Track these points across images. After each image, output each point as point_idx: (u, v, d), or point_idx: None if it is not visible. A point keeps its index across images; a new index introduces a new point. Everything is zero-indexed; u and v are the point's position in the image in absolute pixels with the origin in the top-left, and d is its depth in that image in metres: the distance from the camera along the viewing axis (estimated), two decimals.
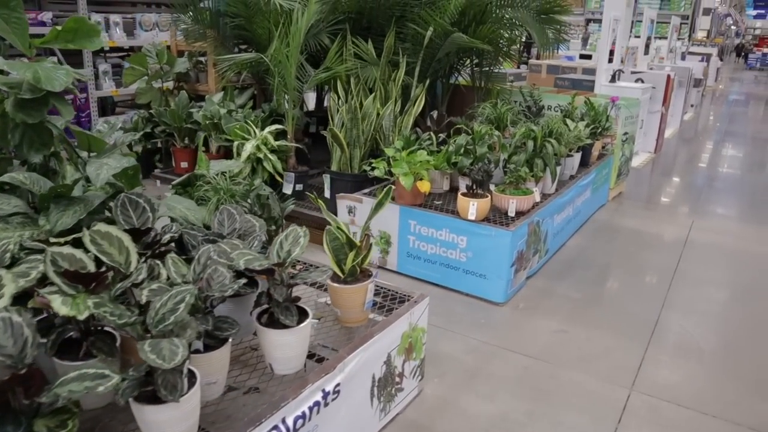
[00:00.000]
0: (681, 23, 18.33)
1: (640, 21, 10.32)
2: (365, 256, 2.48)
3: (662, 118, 8.54)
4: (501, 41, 5.72)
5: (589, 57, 12.94)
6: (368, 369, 2.33)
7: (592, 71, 8.48)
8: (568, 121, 5.03)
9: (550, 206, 4.21)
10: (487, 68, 6.08)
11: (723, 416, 2.78)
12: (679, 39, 17.55)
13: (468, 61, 6.18)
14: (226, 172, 3.06)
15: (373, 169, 4.03)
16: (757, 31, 44.18)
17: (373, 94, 4.62)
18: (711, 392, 2.97)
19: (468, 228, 3.72)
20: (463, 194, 3.74)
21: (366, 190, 4.29)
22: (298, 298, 2.13)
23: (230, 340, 1.92)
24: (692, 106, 13.14)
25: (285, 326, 2.02)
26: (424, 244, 3.94)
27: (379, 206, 2.58)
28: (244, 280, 1.92)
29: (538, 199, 4.12)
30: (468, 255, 3.76)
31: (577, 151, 4.94)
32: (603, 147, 5.95)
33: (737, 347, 3.42)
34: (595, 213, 5.66)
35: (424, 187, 3.86)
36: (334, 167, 4.50)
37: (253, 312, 2.11)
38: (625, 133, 5.95)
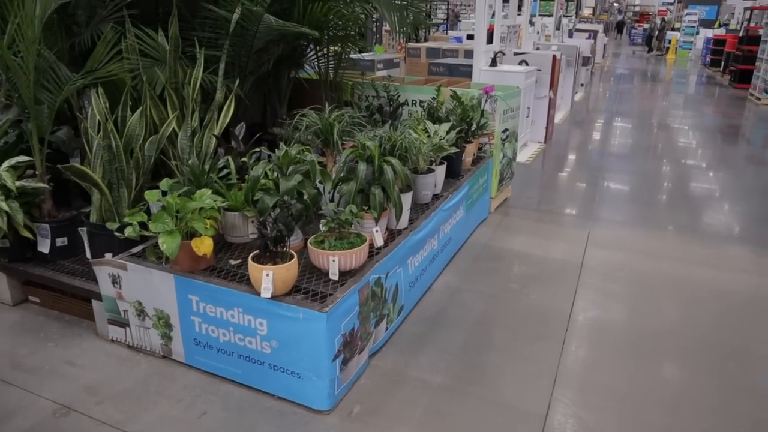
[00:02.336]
0: (566, 0, 17.92)
1: None
2: None
3: (551, 103, 7.68)
4: (339, 23, 4.48)
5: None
6: None
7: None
8: (429, 124, 3.89)
9: (400, 250, 3.05)
10: (331, 56, 4.83)
11: None
12: (565, 16, 17.11)
13: (311, 50, 4.91)
14: None
15: (123, 227, 2.68)
16: (637, 8, 45.95)
17: (141, 108, 3.24)
18: None
19: (266, 308, 2.47)
20: (256, 257, 2.48)
21: (136, 250, 2.94)
22: None
23: None
24: (582, 85, 12.60)
25: None
26: (214, 328, 2.66)
27: None
28: None
29: (380, 243, 2.95)
30: (272, 345, 2.52)
31: (441, 163, 3.81)
32: (480, 149, 4.89)
33: None
34: (474, 232, 4.60)
35: (203, 248, 2.57)
36: (93, 217, 3.10)
37: None
38: (505, 130, 4.91)
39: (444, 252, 3.86)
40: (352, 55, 6.38)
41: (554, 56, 7.49)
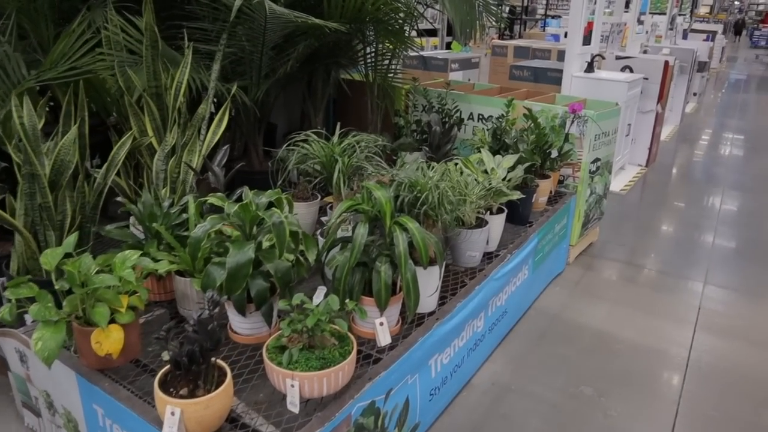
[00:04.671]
0: None
1: None
2: None
3: (657, 119, 6.35)
4: (391, 16, 3.51)
5: None
6: None
7: None
8: (486, 155, 2.86)
9: (416, 353, 2.07)
10: (377, 58, 3.89)
11: None
12: (680, 15, 15.20)
13: (356, 45, 3.99)
14: None
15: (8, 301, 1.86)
16: (761, 7, 41.42)
17: (77, 123, 2.44)
18: None
19: None
20: (163, 380, 1.59)
21: None
22: None
23: None
24: (695, 94, 10.92)
25: None
26: None
27: None
28: None
29: (385, 341, 1.99)
30: None
31: (500, 210, 2.78)
32: (560, 182, 3.79)
33: None
34: (544, 293, 3.52)
35: (107, 345, 1.71)
36: (13, 266, 2.33)
37: None
38: (596, 160, 3.78)
39: (494, 331, 2.83)
40: (422, 53, 5.41)
41: (666, 62, 6.15)
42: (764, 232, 4.70)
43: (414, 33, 4.06)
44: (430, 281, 2.14)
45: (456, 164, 2.70)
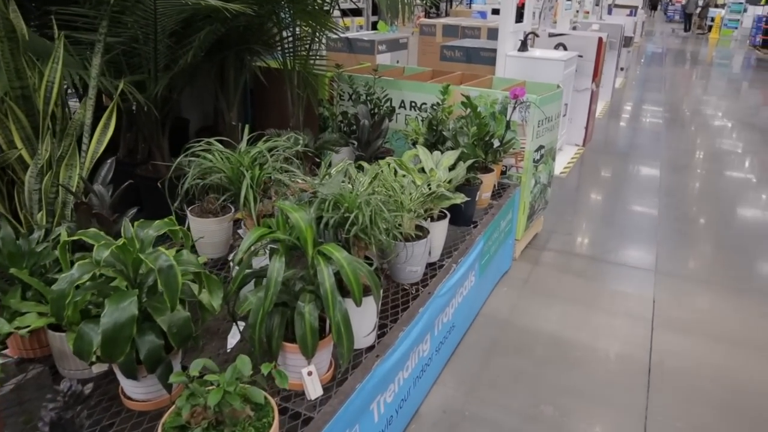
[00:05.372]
0: None
1: None
2: None
3: (592, 97, 6.21)
4: None
5: None
6: None
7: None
8: (423, 153, 2.52)
9: (354, 402, 1.72)
10: (295, 43, 3.46)
11: None
12: None
13: (274, 31, 3.55)
14: None
15: None
16: None
17: None
18: None
19: None
20: None
21: None
22: None
23: None
24: (622, 69, 11.00)
25: None
26: None
27: None
28: None
29: (315, 393, 1.63)
30: None
31: (441, 216, 2.46)
32: (503, 173, 3.52)
33: None
34: (491, 296, 3.24)
35: None
36: None
37: None
38: (540, 148, 3.51)
39: (442, 351, 2.52)
40: (347, 35, 5.03)
41: (600, 38, 5.99)
42: (706, 208, 4.61)
43: (337, 13, 3.65)
44: (365, 316, 1.78)
45: (389, 164, 2.35)
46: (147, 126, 3.20)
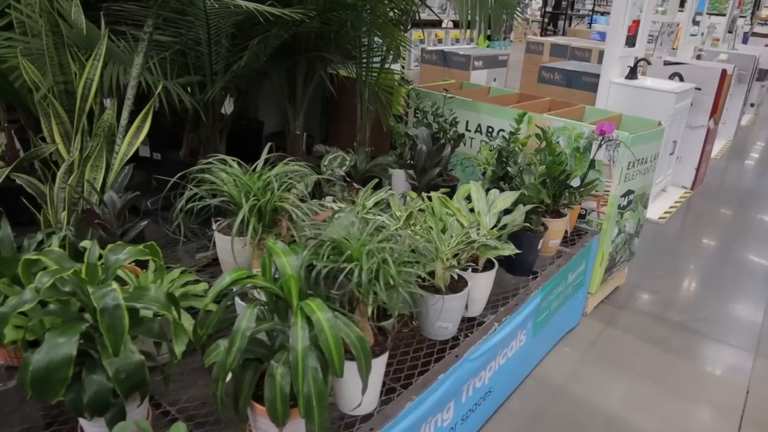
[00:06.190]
0: None
1: None
2: None
3: (708, 136, 5.52)
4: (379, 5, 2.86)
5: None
6: None
7: None
8: (474, 191, 2.21)
9: None
10: (369, 53, 3.25)
11: None
12: (741, 16, 14.00)
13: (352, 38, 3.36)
14: None
15: None
16: None
17: None
18: None
19: None
20: None
21: None
22: None
23: None
24: (752, 105, 9.89)
25: None
26: None
27: None
28: None
29: None
30: None
31: (488, 266, 2.12)
32: (581, 216, 3.10)
33: None
34: (549, 354, 2.85)
35: None
36: None
37: None
38: (628, 193, 3.06)
39: (470, 419, 2.18)
40: (442, 48, 4.79)
41: (724, 71, 5.31)
42: None
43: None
44: (351, 383, 1.51)
45: (432, 199, 2.06)
46: (204, 128, 3.11)
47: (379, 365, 1.58)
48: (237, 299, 1.76)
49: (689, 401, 2.60)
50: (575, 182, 2.88)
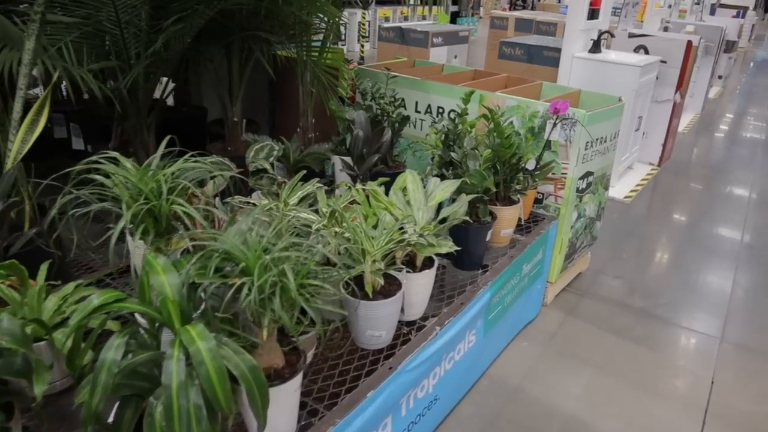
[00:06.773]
0: None
1: None
2: None
3: (674, 110, 5.39)
4: None
5: None
6: None
7: None
8: (410, 181, 2.00)
9: None
10: (306, 30, 3.00)
11: None
12: None
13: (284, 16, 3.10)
14: None
15: None
16: None
17: None
18: None
19: None
20: None
21: None
22: None
23: None
24: (720, 77, 9.83)
25: None
26: None
27: None
28: None
29: None
30: None
31: (427, 264, 1.93)
32: (537, 201, 2.92)
33: None
34: (506, 350, 2.68)
35: None
36: None
37: None
38: (587, 174, 2.88)
39: (416, 430, 2.00)
40: (400, 24, 4.57)
41: (689, 42, 5.15)
42: None
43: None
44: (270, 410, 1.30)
45: (362, 191, 1.85)
46: (130, 118, 2.84)
47: (289, 390, 1.38)
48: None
49: (651, 396, 2.46)
50: (530, 165, 2.69)
